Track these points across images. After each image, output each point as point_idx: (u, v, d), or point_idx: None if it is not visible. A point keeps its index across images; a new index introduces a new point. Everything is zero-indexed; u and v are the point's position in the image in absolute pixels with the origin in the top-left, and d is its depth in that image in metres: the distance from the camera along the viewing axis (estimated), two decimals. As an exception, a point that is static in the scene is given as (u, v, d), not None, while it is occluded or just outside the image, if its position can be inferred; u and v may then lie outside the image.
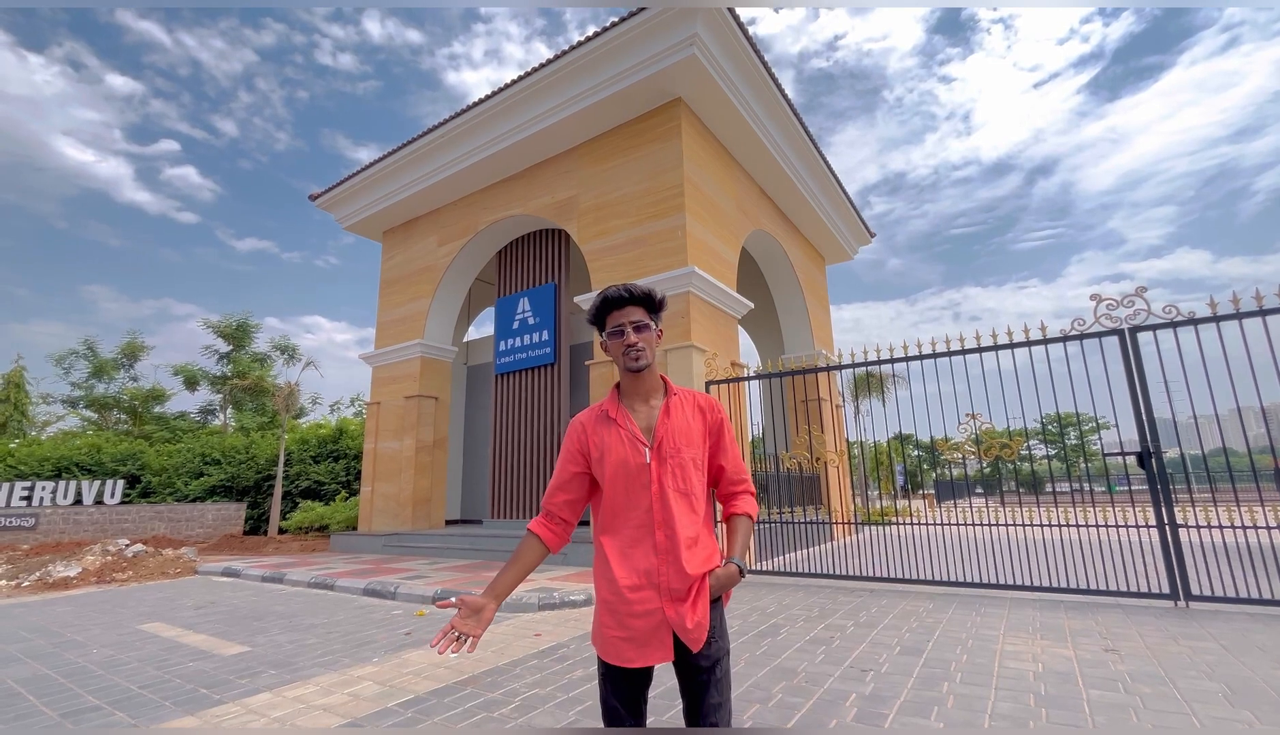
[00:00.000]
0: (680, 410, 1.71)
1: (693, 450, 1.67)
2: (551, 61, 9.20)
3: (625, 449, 1.65)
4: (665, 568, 1.57)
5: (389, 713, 3.13)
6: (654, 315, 1.71)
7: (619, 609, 1.57)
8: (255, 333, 25.16)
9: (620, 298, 1.68)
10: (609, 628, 1.58)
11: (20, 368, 23.45)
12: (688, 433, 1.68)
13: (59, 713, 3.32)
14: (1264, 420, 5.42)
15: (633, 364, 1.66)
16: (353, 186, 12.58)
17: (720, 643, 1.61)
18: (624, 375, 1.73)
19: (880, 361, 6.62)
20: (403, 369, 12.25)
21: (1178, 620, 4.56)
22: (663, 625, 1.54)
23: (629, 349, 1.66)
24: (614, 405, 1.72)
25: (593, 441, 1.69)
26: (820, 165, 12.14)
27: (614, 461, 1.64)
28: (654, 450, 1.64)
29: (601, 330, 1.72)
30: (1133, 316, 5.46)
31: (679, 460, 1.64)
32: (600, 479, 1.68)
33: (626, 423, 1.68)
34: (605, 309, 1.69)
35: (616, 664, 1.56)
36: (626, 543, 1.61)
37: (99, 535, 13.16)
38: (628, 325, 1.66)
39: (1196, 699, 2.94)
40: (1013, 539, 8.65)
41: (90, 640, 5.07)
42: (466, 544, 9.67)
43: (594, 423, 1.72)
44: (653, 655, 1.54)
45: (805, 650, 4.00)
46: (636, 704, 1.62)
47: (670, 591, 1.55)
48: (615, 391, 1.76)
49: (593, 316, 1.72)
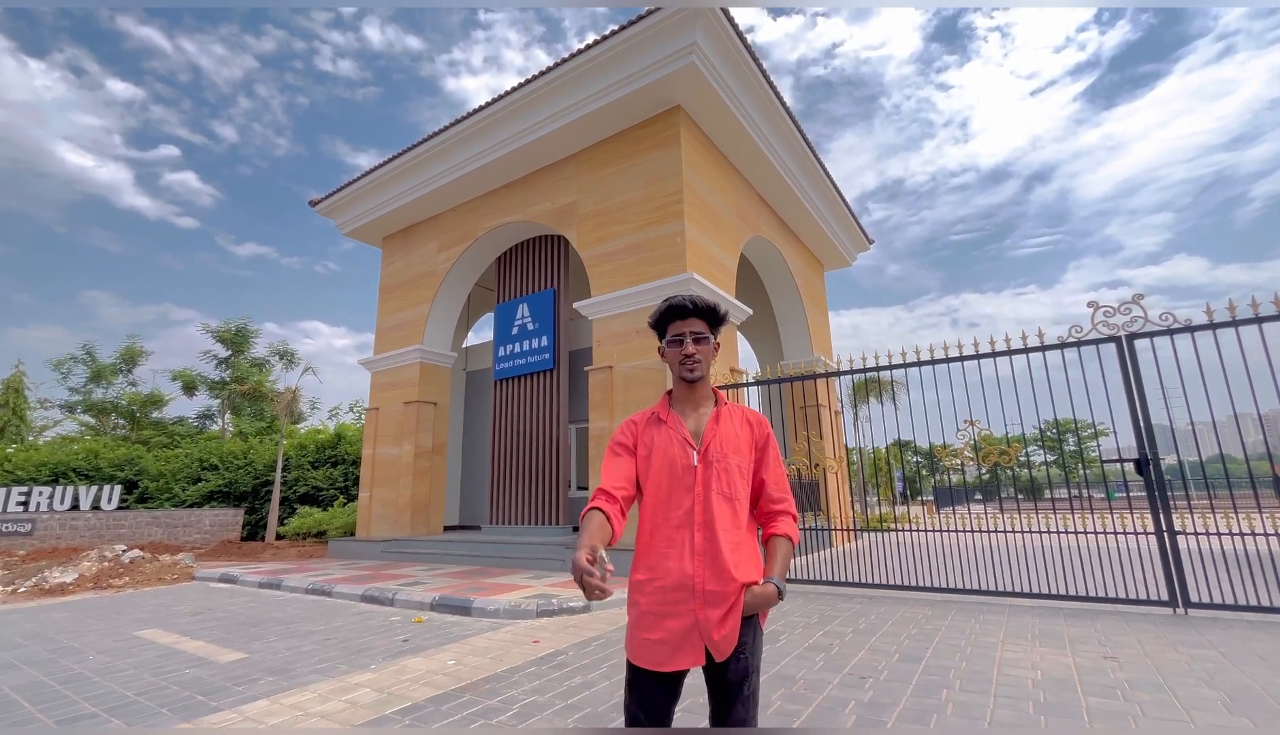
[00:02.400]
0: (730, 420, 1.74)
1: (739, 458, 1.69)
2: (551, 69, 9.26)
3: (674, 449, 1.67)
4: (703, 570, 1.56)
5: (387, 720, 3.12)
6: (714, 329, 1.74)
7: (653, 609, 1.56)
8: (254, 338, 25.15)
9: (684, 308, 1.71)
10: (642, 630, 1.57)
11: (20, 373, 23.42)
12: (735, 441, 1.70)
13: (55, 719, 3.30)
14: (1261, 427, 5.44)
15: (688, 374, 1.70)
16: (353, 193, 12.62)
17: (751, 660, 1.58)
18: (677, 383, 1.77)
19: (879, 368, 6.63)
20: (402, 374, 12.26)
21: (1176, 627, 4.56)
22: (694, 628, 1.53)
23: (686, 358, 1.69)
24: (665, 409, 1.76)
25: (642, 439, 1.72)
26: (818, 172, 12.20)
27: (661, 460, 1.66)
28: (701, 454, 1.66)
29: (661, 336, 1.76)
30: (1130, 324, 5.48)
31: (725, 465, 1.66)
32: (644, 477, 1.68)
33: (677, 425, 1.71)
34: (668, 317, 1.73)
35: (647, 667, 1.54)
36: (664, 544, 1.61)
37: (96, 541, 13.11)
38: (688, 335, 1.70)
39: (1195, 706, 2.93)
40: (1012, 546, 8.64)
41: (87, 647, 5.05)
42: (465, 550, 9.64)
43: (645, 422, 1.75)
44: (684, 659, 1.53)
45: (804, 657, 4.00)
46: (662, 715, 1.56)
47: (705, 594, 1.54)
48: (667, 398, 1.80)
49: (655, 321, 1.76)
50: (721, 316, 1.74)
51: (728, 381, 8.17)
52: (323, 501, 15.89)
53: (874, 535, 11.28)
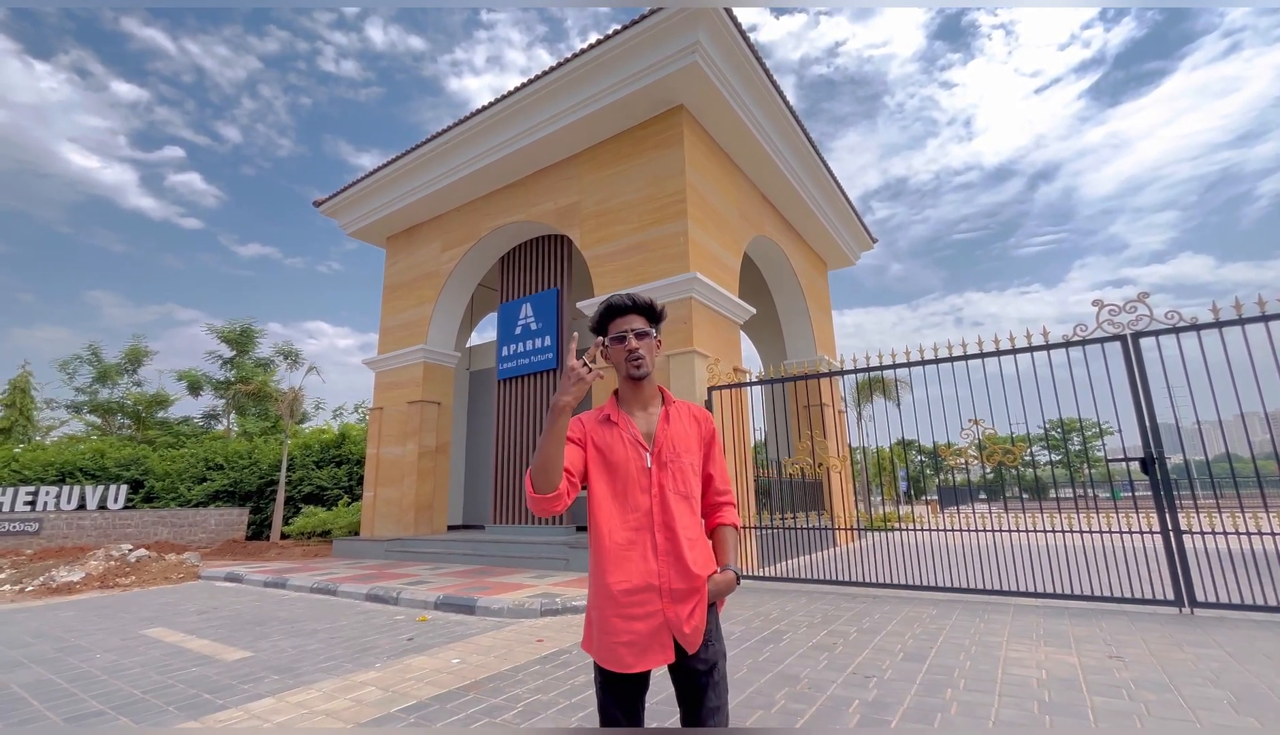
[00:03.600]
0: (679, 418, 1.76)
1: (691, 456, 1.73)
2: (554, 69, 9.26)
3: (626, 450, 1.68)
4: (666, 569, 1.58)
5: (391, 718, 3.13)
6: (654, 325, 1.76)
7: (618, 613, 1.57)
8: (259, 338, 25.24)
9: (624, 306, 1.73)
10: (607, 633, 1.58)
11: (26, 373, 23.54)
12: (686, 439, 1.73)
13: (62, 717, 3.32)
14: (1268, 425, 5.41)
15: (634, 371, 1.70)
16: (356, 193, 12.66)
17: (717, 646, 1.63)
18: (623, 382, 1.76)
19: (883, 367, 6.62)
20: (406, 374, 12.29)
21: (1182, 627, 4.54)
22: (663, 628, 1.55)
23: (631, 354, 1.69)
24: (614, 410, 1.75)
25: (592, 438, 1.71)
26: (822, 171, 12.17)
27: (615, 462, 1.67)
28: (654, 455, 1.68)
29: (604, 337, 1.76)
30: (1135, 322, 5.46)
31: (679, 465, 1.69)
32: (595, 479, 1.68)
33: (628, 426, 1.71)
34: (608, 316, 1.74)
35: (615, 670, 1.56)
36: (623, 546, 1.62)
37: (102, 540, 13.18)
38: (630, 332, 1.70)
39: (1201, 706, 2.92)
40: (1017, 545, 8.62)
41: (93, 645, 5.08)
42: (469, 549, 9.67)
43: (594, 422, 1.74)
44: (652, 658, 1.54)
45: (808, 657, 3.99)
46: (635, 711, 1.62)
47: (672, 592, 1.57)
48: (614, 398, 1.79)
49: (595, 323, 1.76)
50: (660, 312, 1.76)
51: (731, 381, 8.17)
52: (327, 501, 15.95)
53: (878, 535, 11.26)
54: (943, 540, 7.43)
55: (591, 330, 1.78)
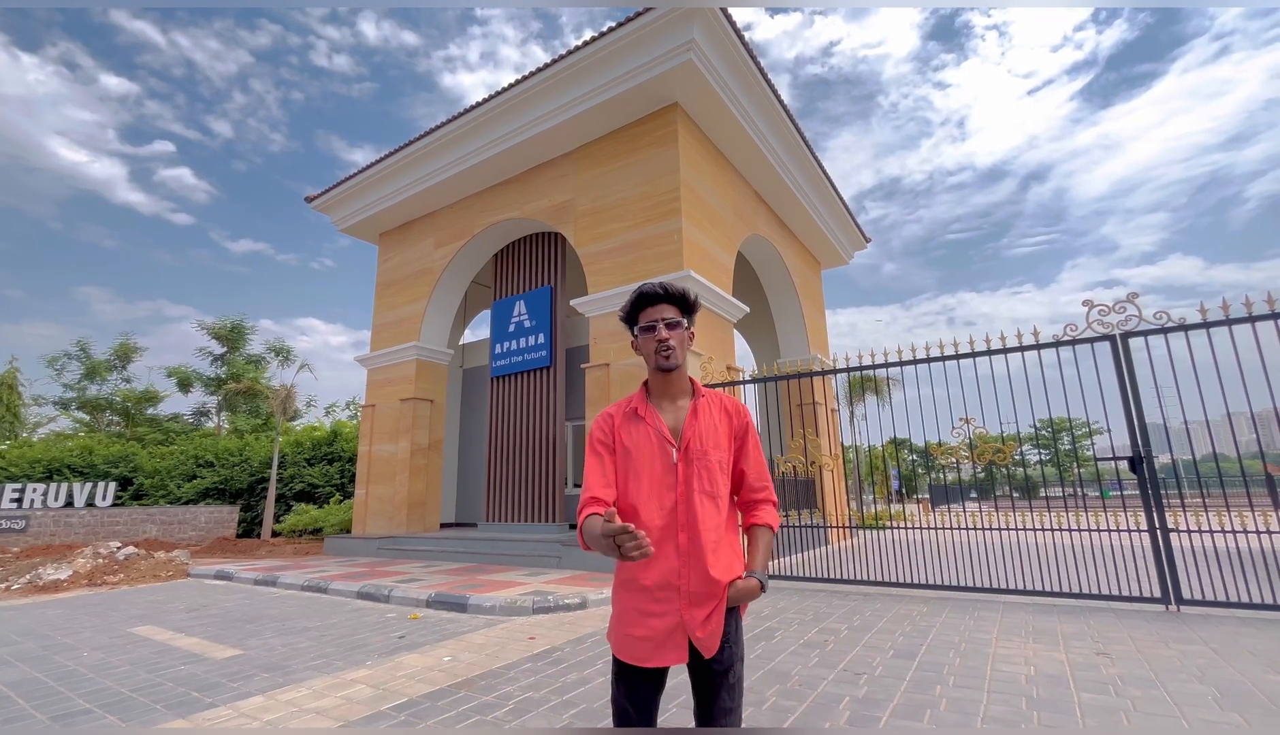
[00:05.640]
0: (708, 412, 1.69)
1: (719, 453, 1.65)
2: (548, 66, 9.23)
3: (653, 447, 1.64)
4: (687, 570, 1.55)
5: (382, 716, 3.12)
6: (687, 315, 1.70)
7: (637, 606, 1.56)
8: (250, 335, 25.08)
9: (655, 294, 1.67)
10: (626, 626, 1.57)
11: (13, 369, 23.29)
12: (715, 435, 1.66)
13: (49, 716, 3.29)
14: (1254, 426, 5.47)
15: (664, 362, 1.65)
16: (349, 189, 12.57)
17: (734, 650, 1.59)
18: (653, 374, 1.71)
19: (875, 366, 6.65)
20: (398, 371, 12.23)
21: (1169, 624, 4.59)
22: (679, 627, 1.53)
23: (660, 345, 1.64)
24: (642, 403, 1.70)
25: (620, 435, 1.68)
26: (816, 170, 12.20)
27: (640, 459, 1.63)
28: (681, 452, 1.63)
29: (633, 327, 1.71)
30: (1125, 322, 5.51)
31: (706, 463, 1.63)
32: (623, 475, 1.65)
33: (655, 421, 1.66)
34: (639, 305, 1.69)
35: (631, 662, 1.55)
36: (651, 540, 1.59)
37: (90, 538, 13.06)
38: (660, 322, 1.65)
39: (1187, 702, 2.96)
40: (1006, 543, 8.68)
41: (81, 643, 5.03)
42: (461, 547, 9.65)
43: (622, 417, 1.70)
44: (668, 656, 1.53)
45: (799, 654, 4.01)
46: (648, 707, 1.58)
47: (690, 594, 1.54)
48: (643, 389, 1.74)
49: (625, 312, 1.71)
50: (693, 303, 1.70)
51: (724, 379, 8.19)
52: (319, 499, 15.86)
53: (869, 532, 11.32)
54: (934, 538, 7.47)
55: (622, 319, 1.73)
